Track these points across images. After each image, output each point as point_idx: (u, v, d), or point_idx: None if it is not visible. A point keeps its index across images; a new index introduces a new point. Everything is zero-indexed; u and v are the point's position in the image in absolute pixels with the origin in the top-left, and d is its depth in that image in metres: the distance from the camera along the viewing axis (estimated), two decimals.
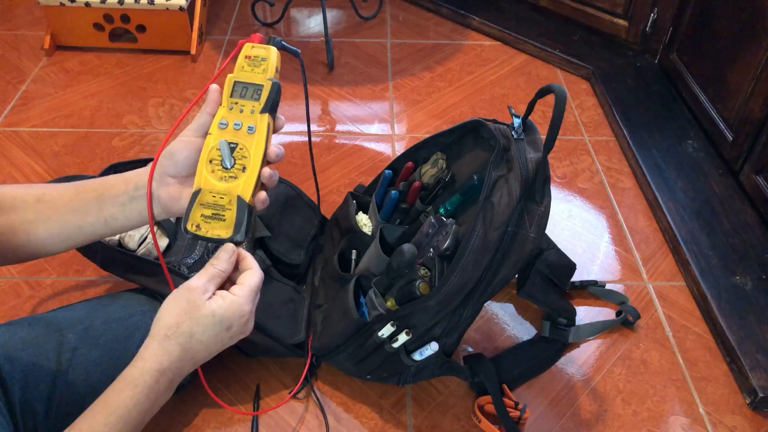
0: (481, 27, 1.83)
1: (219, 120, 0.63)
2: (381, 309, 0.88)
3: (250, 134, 0.63)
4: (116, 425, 0.55)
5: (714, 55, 1.40)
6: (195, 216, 0.62)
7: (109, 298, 0.89)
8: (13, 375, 0.73)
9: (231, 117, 0.63)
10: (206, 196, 0.62)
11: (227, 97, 0.64)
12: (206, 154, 0.63)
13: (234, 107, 0.64)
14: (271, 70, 0.64)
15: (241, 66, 0.65)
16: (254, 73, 0.64)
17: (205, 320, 0.58)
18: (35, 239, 0.66)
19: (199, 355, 0.59)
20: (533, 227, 0.80)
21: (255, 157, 0.63)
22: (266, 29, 1.83)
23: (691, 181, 1.32)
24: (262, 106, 0.63)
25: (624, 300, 1.11)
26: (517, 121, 0.84)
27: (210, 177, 0.62)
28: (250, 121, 0.63)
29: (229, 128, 0.63)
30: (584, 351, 1.06)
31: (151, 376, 0.57)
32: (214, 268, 0.61)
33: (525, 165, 0.80)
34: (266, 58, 0.64)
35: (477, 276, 0.80)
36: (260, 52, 0.64)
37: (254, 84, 0.64)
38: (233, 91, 0.64)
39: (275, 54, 0.65)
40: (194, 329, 0.58)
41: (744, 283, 1.12)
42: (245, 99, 0.64)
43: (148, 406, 0.58)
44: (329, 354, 0.95)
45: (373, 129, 1.50)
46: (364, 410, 0.96)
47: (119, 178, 0.67)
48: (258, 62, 0.64)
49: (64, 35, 1.67)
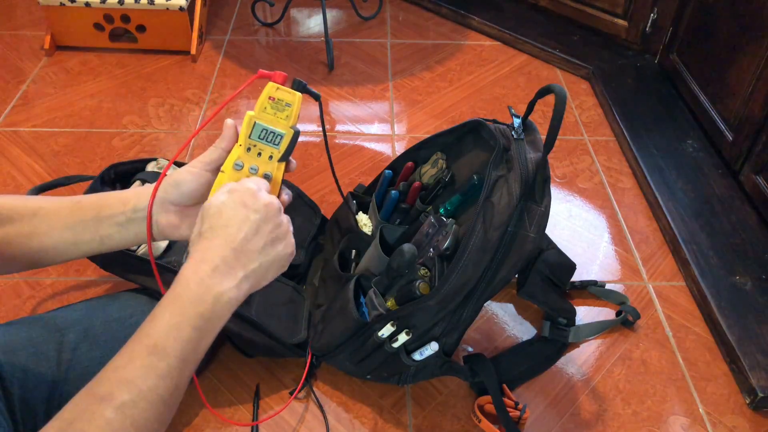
0: (481, 27, 1.83)
1: (234, 159, 0.62)
2: (381, 309, 0.88)
3: (267, 182, 0.62)
4: (164, 317, 0.53)
5: (714, 55, 1.40)
6: None
7: (109, 298, 0.89)
8: (13, 375, 0.73)
9: (247, 159, 0.62)
10: None
11: (245, 137, 0.62)
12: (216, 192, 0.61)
13: (252, 149, 0.62)
14: (294, 118, 0.62)
15: (263, 107, 0.62)
16: (277, 118, 0.62)
17: (217, 209, 0.58)
18: (30, 252, 0.66)
19: (234, 238, 0.57)
20: (533, 227, 0.80)
21: None
22: (266, 29, 1.83)
23: (691, 181, 1.32)
24: (281, 155, 0.62)
25: (624, 300, 1.11)
26: (517, 121, 0.85)
27: None
28: (266, 167, 0.62)
29: (244, 170, 0.62)
30: (584, 351, 1.06)
31: (188, 269, 0.55)
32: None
33: (525, 165, 0.80)
34: (291, 104, 0.62)
35: (477, 276, 0.80)
36: (285, 96, 0.62)
37: (276, 130, 0.62)
38: (252, 131, 0.62)
39: (300, 100, 0.62)
40: (212, 222, 0.57)
41: (744, 283, 1.12)
42: (265, 143, 0.62)
43: (196, 295, 0.55)
44: (329, 354, 0.95)
45: (373, 129, 1.50)
46: (364, 410, 0.96)
47: (117, 197, 0.66)
48: (282, 107, 0.62)
49: (64, 35, 1.67)
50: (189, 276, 0.55)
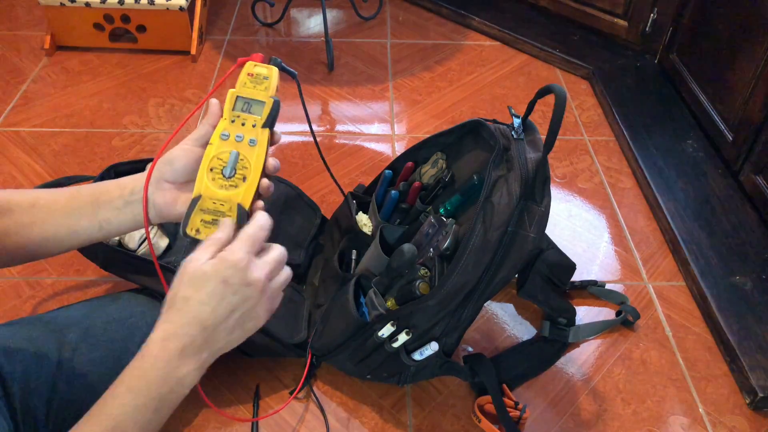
0: (481, 27, 1.83)
1: (221, 131, 0.66)
2: (381, 309, 0.88)
3: (252, 146, 0.65)
4: (127, 397, 0.54)
5: (714, 55, 1.40)
6: (195, 220, 0.63)
7: (110, 298, 0.89)
8: (14, 375, 0.73)
9: (233, 129, 0.66)
10: (207, 202, 0.64)
11: (229, 110, 0.67)
12: (207, 162, 0.65)
13: (236, 120, 0.66)
14: (272, 88, 0.67)
15: (243, 82, 0.67)
16: (256, 90, 0.67)
17: (198, 280, 0.56)
18: (30, 242, 0.66)
19: (207, 318, 0.57)
20: (533, 227, 0.80)
21: (255, 168, 0.65)
22: (266, 30, 1.83)
23: (691, 181, 1.32)
24: (264, 121, 0.66)
25: (624, 300, 1.11)
26: (517, 121, 0.84)
27: (211, 184, 0.64)
28: (251, 134, 0.66)
29: (231, 139, 0.66)
30: (584, 351, 1.06)
31: (155, 344, 0.56)
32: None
33: (525, 165, 0.80)
34: (268, 77, 0.67)
35: (477, 276, 0.80)
36: (262, 70, 0.68)
37: (256, 100, 0.67)
38: (235, 105, 0.67)
39: (276, 73, 0.68)
40: (189, 292, 0.56)
41: (744, 283, 1.12)
42: (247, 113, 0.66)
43: (160, 376, 0.55)
44: (329, 354, 0.95)
45: (373, 129, 1.50)
46: (364, 410, 0.96)
47: (114, 182, 0.68)
48: (260, 80, 0.67)
49: (64, 35, 1.67)
50: (156, 353, 0.55)
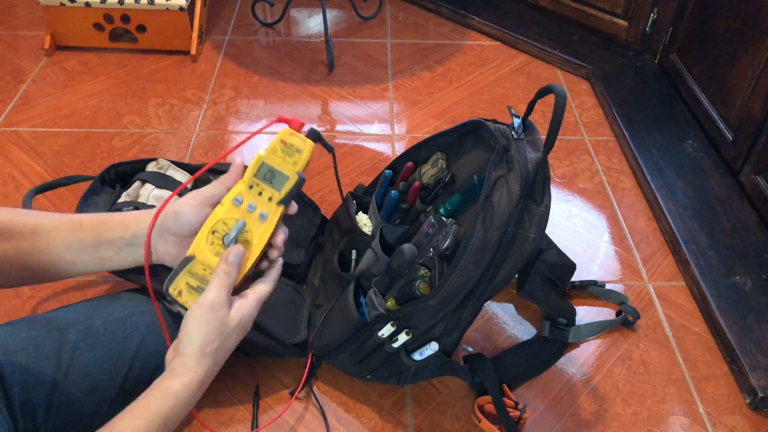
0: (481, 27, 1.83)
1: (235, 194, 0.62)
2: (381, 309, 0.88)
3: (261, 222, 0.62)
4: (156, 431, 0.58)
5: (714, 55, 1.40)
6: (180, 282, 0.62)
7: (109, 298, 0.89)
8: (13, 375, 0.73)
9: (248, 196, 0.62)
10: (197, 266, 0.61)
11: (251, 175, 0.62)
12: (211, 223, 0.62)
13: (254, 187, 0.62)
14: (301, 164, 0.63)
15: (273, 149, 0.62)
16: (285, 161, 0.62)
17: (233, 333, 0.61)
18: (28, 269, 0.66)
19: (224, 357, 0.63)
20: (533, 227, 0.80)
21: (256, 246, 0.62)
22: (266, 29, 1.83)
23: (691, 181, 1.32)
24: (281, 198, 0.62)
25: (624, 300, 1.11)
26: (517, 121, 0.84)
27: (207, 248, 0.61)
28: (264, 208, 0.62)
29: (243, 207, 0.62)
30: (584, 351, 1.06)
31: (192, 390, 0.60)
32: (229, 278, 0.61)
33: (525, 165, 0.80)
34: (301, 150, 0.62)
35: (477, 276, 0.80)
36: (297, 142, 0.63)
37: (281, 172, 0.62)
38: (259, 170, 0.62)
39: (310, 149, 0.63)
40: (224, 343, 0.61)
41: (744, 283, 1.12)
42: (268, 184, 0.62)
43: (184, 414, 0.61)
44: (329, 354, 0.95)
45: (373, 129, 1.50)
46: (364, 410, 0.96)
47: (118, 220, 0.67)
48: (292, 152, 0.62)
49: (64, 35, 1.67)
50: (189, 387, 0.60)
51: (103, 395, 0.79)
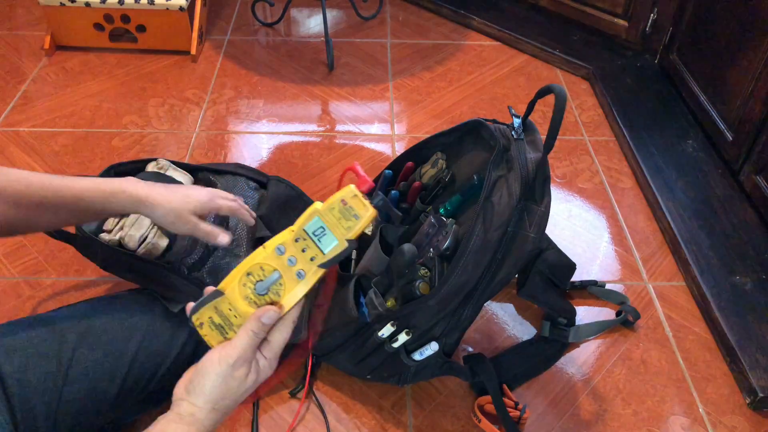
0: (481, 27, 1.83)
1: (280, 241, 0.58)
2: (381, 309, 0.88)
3: (297, 279, 0.58)
4: None
5: (714, 55, 1.40)
6: (204, 314, 0.59)
7: (109, 298, 0.89)
8: (13, 375, 0.73)
9: (291, 248, 0.58)
10: (224, 303, 0.58)
11: (300, 226, 0.58)
12: (249, 264, 0.58)
13: (300, 241, 0.58)
14: (355, 232, 0.58)
15: (331, 206, 0.58)
16: (339, 223, 0.58)
17: (247, 391, 0.59)
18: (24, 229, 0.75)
19: (233, 409, 0.61)
20: (533, 227, 0.80)
21: (285, 303, 0.58)
22: (266, 29, 1.83)
23: (691, 181, 1.32)
24: (324, 262, 0.58)
25: (624, 300, 1.11)
26: (517, 121, 0.84)
27: (238, 289, 0.58)
28: (304, 266, 0.58)
29: (283, 258, 0.58)
30: (584, 351, 1.06)
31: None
32: (257, 338, 0.58)
33: (525, 165, 0.80)
34: (360, 217, 0.57)
35: (477, 276, 0.80)
36: (358, 206, 0.57)
37: (332, 234, 0.58)
38: (309, 224, 0.58)
39: (370, 218, 0.58)
40: (237, 398, 0.59)
41: (744, 283, 1.12)
42: (314, 242, 0.58)
43: None
44: (329, 354, 0.95)
45: (373, 129, 1.50)
46: (364, 410, 0.96)
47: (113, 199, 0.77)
48: (349, 215, 0.57)
49: (64, 35, 1.67)
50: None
51: (104, 395, 0.79)
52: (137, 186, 0.79)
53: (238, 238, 1.00)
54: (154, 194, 0.79)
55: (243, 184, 1.10)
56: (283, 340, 0.60)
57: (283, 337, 0.60)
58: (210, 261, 0.96)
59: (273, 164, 1.39)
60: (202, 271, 0.94)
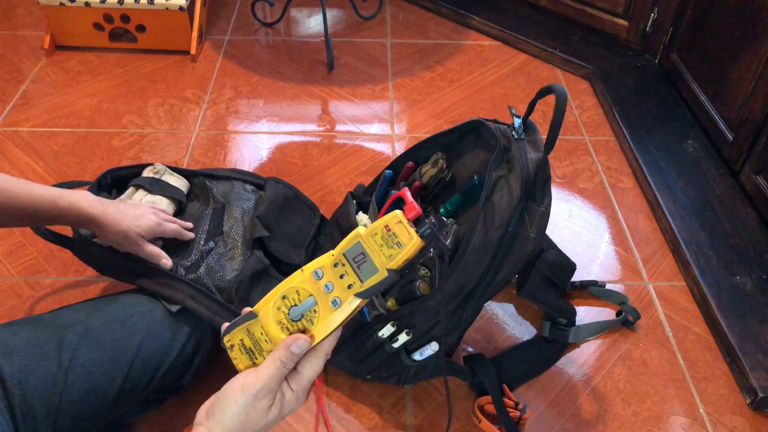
0: (481, 27, 1.83)
1: (320, 265, 0.56)
2: (381, 309, 0.88)
3: (332, 307, 0.55)
4: None
5: (714, 55, 1.40)
6: (236, 336, 0.57)
7: (109, 299, 0.89)
8: (13, 375, 0.73)
9: (329, 274, 0.55)
10: (257, 327, 0.56)
11: (341, 252, 0.55)
12: (284, 287, 0.57)
13: (339, 266, 0.55)
14: (398, 261, 0.54)
15: (375, 232, 0.54)
16: (380, 251, 0.54)
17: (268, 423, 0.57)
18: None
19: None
20: (533, 227, 0.80)
21: (318, 333, 0.55)
22: (266, 29, 1.83)
23: (691, 181, 1.32)
24: (361, 291, 0.55)
25: (624, 300, 1.11)
26: (517, 121, 0.84)
27: (273, 313, 0.56)
28: (341, 293, 0.55)
29: (321, 283, 0.55)
30: (584, 351, 1.06)
31: None
32: (285, 368, 0.56)
33: (525, 165, 0.80)
34: (403, 245, 0.53)
35: (477, 276, 0.80)
36: (403, 235, 0.54)
37: (371, 262, 0.54)
38: (350, 249, 0.55)
39: (414, 248, 0.54)
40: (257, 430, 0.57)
41: (744, 283, 1.12)
42: (354, 268, 0.55)
43: None
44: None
45: (373, 129, 1.50)
46: (364, 410, 0.96)
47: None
48: (392, 242, 0.54)
49: (64, 35, 1.67)
50: None
51: (103, 396, 0.79)
52: (93, 204, 0.85)
53: (233, 240, 1.00)
54: (106, 214, 0.86)
55: (239, 188, 1.09)
56: (314, 373, 0.57)
57: (314, 370, 0.57)
58: (205, 263, 0.96)
59: (273, 164, 1.38)
60: (199, 272, 0.95)
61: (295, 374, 0.57)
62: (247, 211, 1.05)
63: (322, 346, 0.57)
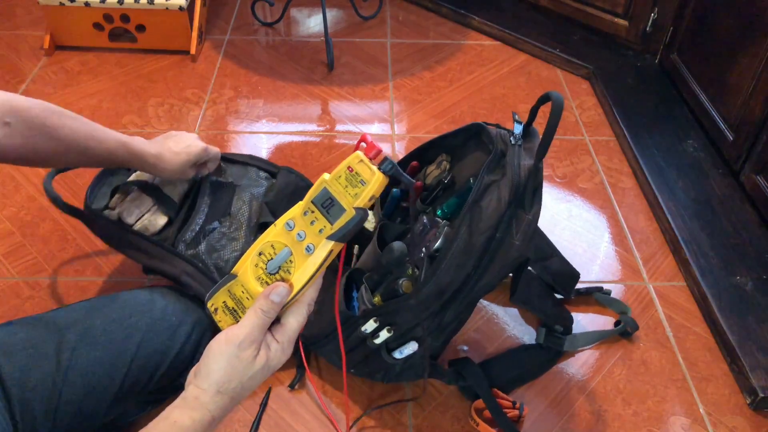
0: (481, 27, 1.83)
1: (290, 217, 0.56)
2: (368, 304, 0.88)
3: (306, 254, 0.55)
4: None
5: (714, 55, 1.40)
6: (218, 299, 0.58)
7: (109, 299, 0.89)
8: (13, 375, 0.73)
9: (300, 223, 0.56)
10: (237, 286, 0.57)
11: (308, 200, 0.56)
12: (259, 244, 0.57)
13: (308, 214, 0.56)
14: (363, 198, 0.54)
15: (338, 175, 0.55)
16: (346, 192, 0.54)
17: (257, 374, 0.57)
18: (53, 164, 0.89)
19: (244, 395, 0.59)
20: (519, 235, 0.79)
21: (297, 280, 0.55)
22: (266, 29, 1.83)
23: (691, 181, 1.32)
24: (332, 233, 0.55)
25: (626, 310, 1.09)
26: (518, 127, 0.84)
27: (251, 270, 0.57)
28: (313, 240, 0.55)
29: (293, 233, 0.56)
30: (585, 351, 1.06)
31: (202, 427, 0.56)
32: (266, 317, 0.56)
33: (517, 171, 0.79)
34: (366, 182, 0.54)
35: (460, 279, 0.79)
36: (364, 172, 0.54)
37: (339, 204, 0.55)
38: (317, 196, 0.55)
39: (378, 183, 0.54)
40: (244, 383, 0.57)
41: (744, 283, 1.12)
42: (323, 213, 0.55)
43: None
44: (317, 343, 0.95)
45: (373, 129, 1.50)
46: (364, 410, 0.96)
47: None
48: (356, 181, 0.54)
49: (64, 35, 1.67)
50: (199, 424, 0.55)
51: (103, 395, 0.79)
52: (151, 145, 0.93)
53: (237, 222, 1.01)
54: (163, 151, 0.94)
55: (253, 173, 1.12)
56: (298, 324, 0.58)
57: (297, 321, 0.58)
58: (206, 241, 0.97)
59: None
60: (199, 249, 0.95)
61: (279, 326, 0.58)
62: (256, 197, 1.06)
63: (304, 297, 0.58)
